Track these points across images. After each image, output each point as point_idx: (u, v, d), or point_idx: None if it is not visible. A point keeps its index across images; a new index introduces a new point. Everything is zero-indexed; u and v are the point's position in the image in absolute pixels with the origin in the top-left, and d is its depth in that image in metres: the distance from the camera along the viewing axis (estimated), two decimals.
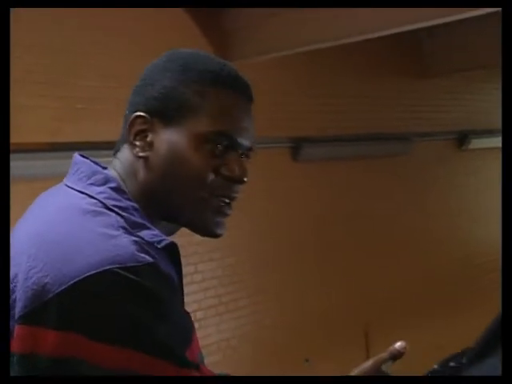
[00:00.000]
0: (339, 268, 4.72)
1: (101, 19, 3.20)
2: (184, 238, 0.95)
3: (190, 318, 0.83)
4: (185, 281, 0.87)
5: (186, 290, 0.88)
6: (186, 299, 0.87)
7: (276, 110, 4.13)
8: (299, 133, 4.36)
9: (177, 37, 3.45)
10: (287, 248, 4.37)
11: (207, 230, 0.89)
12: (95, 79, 3.22)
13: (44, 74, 3.04)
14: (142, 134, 0.88)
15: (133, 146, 0.88)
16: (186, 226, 0.90)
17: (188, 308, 0.84)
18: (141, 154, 0.87)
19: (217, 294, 3.90)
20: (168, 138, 0.86)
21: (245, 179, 0.88)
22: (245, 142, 0.89)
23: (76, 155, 0.91)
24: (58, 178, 0.92)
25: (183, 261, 0.85)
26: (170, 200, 0.87)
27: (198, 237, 0.90)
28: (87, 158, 0.91)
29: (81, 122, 3.14)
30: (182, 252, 0.82)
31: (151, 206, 0.87)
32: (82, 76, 3.20)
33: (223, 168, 0.87)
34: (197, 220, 0.88)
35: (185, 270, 0.85)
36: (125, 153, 0.90)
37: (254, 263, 4.16)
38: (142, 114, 0.87)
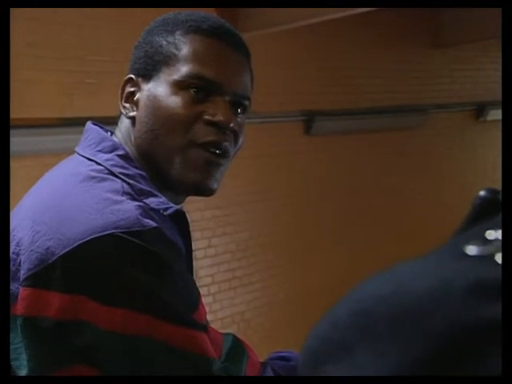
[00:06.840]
0: (352, 242, 4.71)
1: None
2: (198, 212, 0.94)
3: (195, 284, 0.82)
4: (198, 255, 0.86)
5: (199, 264, 0.87)
6: (199, 273, 0.86)
7: (289, 83, 4.07)
8: (312, 106, 4.32)
9: (186, 10, 3.39)
10: (300, 223, 4.36)
11: (198, 184, 0.85)
12: (105, 54, 3.19)
13: (53, 49, 3.01)
14: (131, 96, 0.88)
15: (123, 108, 0.89)
16: (180, 186, 0.87)
17: (201, 282, 0.83)
18: (130, 114, 0.88)
19: (230, 269, 3.91)
20: (148, 92, 0.86)
21: (231, 124, 0.84)
22: (230, 88, 0.85)
23: (88, 123, 0.91)
24: (66, 153, 0.92)
25: (197, 235, 0.84)
26: (158, 156, 0.85)
27: (211, 211, 0.89)
28: (97, 125, 0.90)
29: (90, 97, 3.12)
30: (195, 227, 0.81)
31: (151, 170, 0.85)
32: (92, 50, 3.17)
33: (205, 113, 0.84)
34: (186, 173, 0.84)
35: (198, 244, 0.84)
36: (122, 119, 0.90)
37: (266, 238, 4.16)
38: (130, 76, 0.89)
